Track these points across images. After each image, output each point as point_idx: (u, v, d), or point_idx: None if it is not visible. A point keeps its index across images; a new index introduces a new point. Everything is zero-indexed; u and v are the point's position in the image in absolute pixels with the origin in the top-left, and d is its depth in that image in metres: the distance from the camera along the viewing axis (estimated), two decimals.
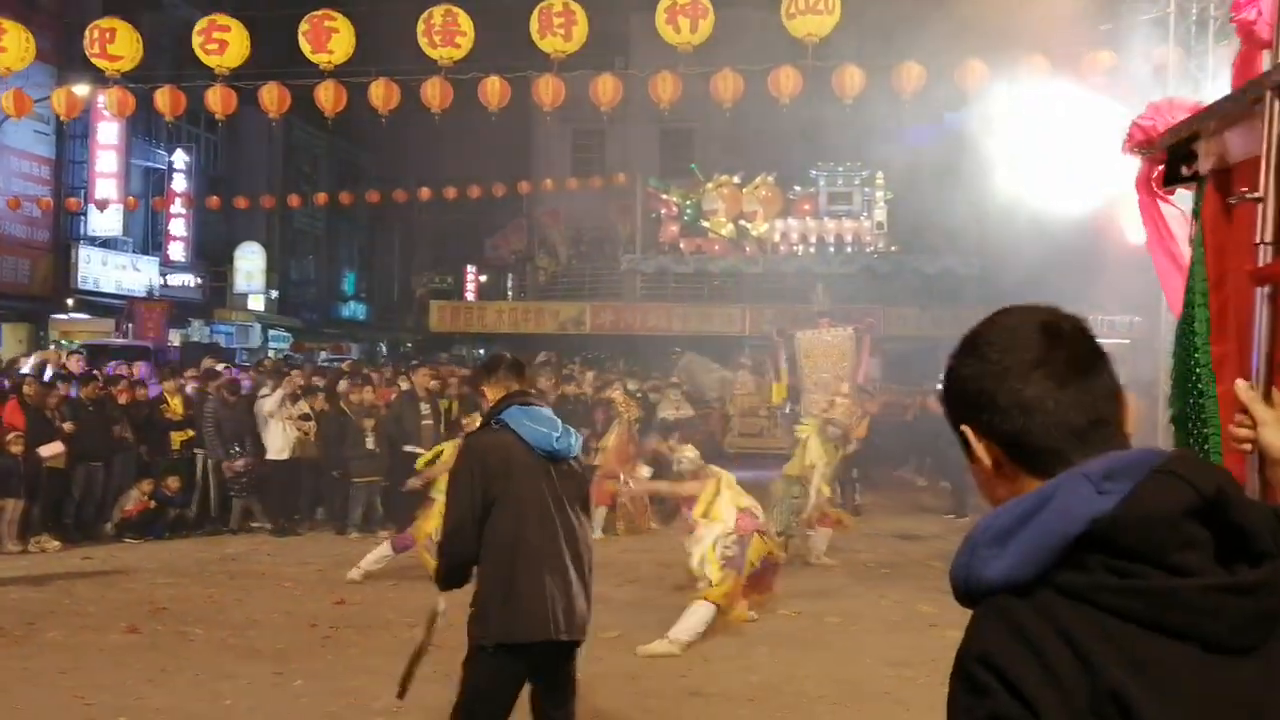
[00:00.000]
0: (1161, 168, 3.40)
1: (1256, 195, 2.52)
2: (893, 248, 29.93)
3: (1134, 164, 3.61)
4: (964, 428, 1.64)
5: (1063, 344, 1.60)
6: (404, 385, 16.36)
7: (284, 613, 10.23)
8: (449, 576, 5.03)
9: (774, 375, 23.15)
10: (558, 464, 5.00)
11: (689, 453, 10.13)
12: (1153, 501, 1.43)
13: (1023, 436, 1.58)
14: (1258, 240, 2.54)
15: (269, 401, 14.63)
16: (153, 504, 14.23)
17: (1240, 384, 2.35)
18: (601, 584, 11.32)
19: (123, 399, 14.58)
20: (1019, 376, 1.58)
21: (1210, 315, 2.94)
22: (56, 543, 13.28)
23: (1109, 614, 1.41)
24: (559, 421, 5.09)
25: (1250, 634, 1.42)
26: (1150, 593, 1.41)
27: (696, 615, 9.13)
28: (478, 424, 5.62)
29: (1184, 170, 3.18)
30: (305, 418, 14.72)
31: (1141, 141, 3.42)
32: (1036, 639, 1.42)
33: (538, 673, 4.98)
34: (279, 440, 14.58)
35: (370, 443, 14.50)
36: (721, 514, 9.43)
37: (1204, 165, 2.96)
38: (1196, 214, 3.09)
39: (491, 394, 5.22)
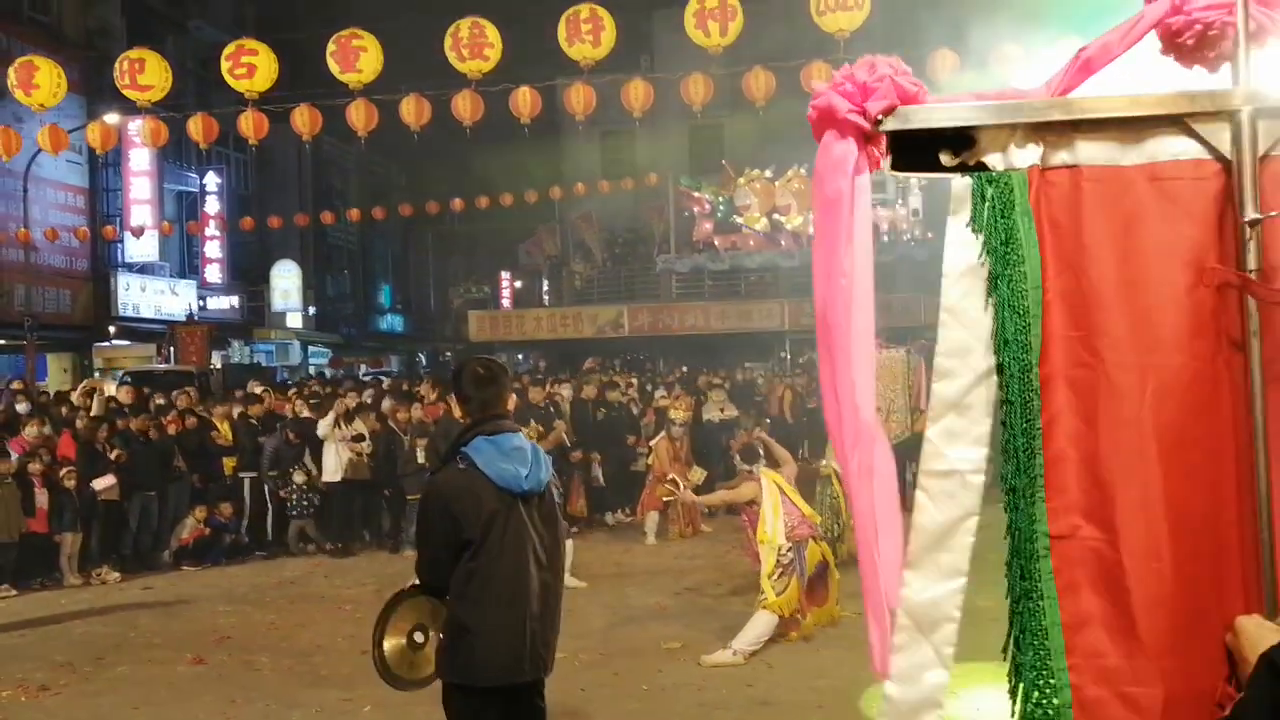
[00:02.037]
0: (880, 143, 2.74)
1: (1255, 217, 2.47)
2: (929, 234, 29.67)
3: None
4: None
5: None
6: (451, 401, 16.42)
7: (346, 636, 10.25)
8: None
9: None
10: (528, 496, 4.77)
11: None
12: None
13: None
14: (1250, 267, 2.49)
15: (321, 426, 14.72)
16: (208, 531, 14.35)
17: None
18: (658, 593, 11.49)
19: (172, 429, 14.69)
20: None
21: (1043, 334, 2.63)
22: (116, 574, 13.39)
23: None
24: (528, 450, 4.80)
25: None
26: None
27: (759, 624, 9.12)
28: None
29: (946, 158, 2.69)
30: (358, 438, 14.78)
31: (880, 111, 2.67)
32: None
33: (504, 708, 4.82)
34: (332, 462, 14.65)
35: (421, 458, 14.54)
36: (775, 531, 9.40)
37: (1021, 158, 2.64)
38: (998, 215, 2.63)
39: (462, 418, 5.05)
